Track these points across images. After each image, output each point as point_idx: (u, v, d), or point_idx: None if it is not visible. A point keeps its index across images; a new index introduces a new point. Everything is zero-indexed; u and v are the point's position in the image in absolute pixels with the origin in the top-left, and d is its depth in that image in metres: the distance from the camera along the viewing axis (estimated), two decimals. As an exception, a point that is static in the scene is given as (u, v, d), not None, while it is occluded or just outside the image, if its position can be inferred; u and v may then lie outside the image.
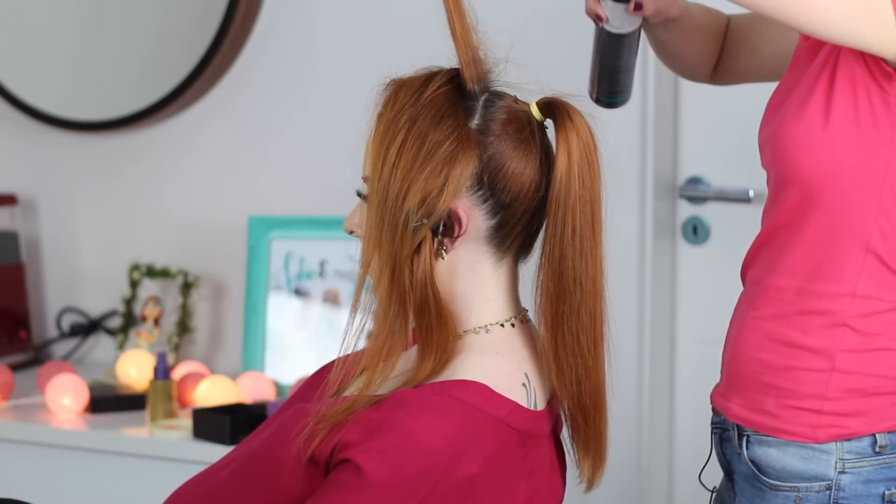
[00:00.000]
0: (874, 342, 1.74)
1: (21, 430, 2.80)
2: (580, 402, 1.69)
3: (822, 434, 1.74)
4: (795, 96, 1.78)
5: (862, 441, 1.74)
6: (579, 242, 1.65)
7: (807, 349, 1.75)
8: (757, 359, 1.78)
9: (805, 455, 1.75)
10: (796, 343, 1.75)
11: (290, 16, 3.09)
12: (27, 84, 3.27)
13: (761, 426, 1.77)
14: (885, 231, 1.73)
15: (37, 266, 3.37)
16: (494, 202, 1.66)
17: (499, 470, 1.63)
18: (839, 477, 1.74)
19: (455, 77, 1.68)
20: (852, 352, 1.73)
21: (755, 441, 1.78)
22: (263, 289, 3.01)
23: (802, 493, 1.75)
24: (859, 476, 1.73)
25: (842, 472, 1.74)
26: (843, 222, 1.73)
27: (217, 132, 3.18)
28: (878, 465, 1.74)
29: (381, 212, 1.64)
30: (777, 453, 1.76)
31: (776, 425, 1.76)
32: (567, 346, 1.67)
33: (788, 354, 1.76)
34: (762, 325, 1.78)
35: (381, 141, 1.65)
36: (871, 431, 1.74)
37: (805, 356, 1.75)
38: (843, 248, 1.74)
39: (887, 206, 1.72)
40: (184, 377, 2.86)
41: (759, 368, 1.78)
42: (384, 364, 1.65)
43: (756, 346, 1.79)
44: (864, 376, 1.74)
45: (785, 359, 1.76)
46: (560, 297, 1.66)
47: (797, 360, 1.75)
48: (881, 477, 1.74)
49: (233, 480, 1.70)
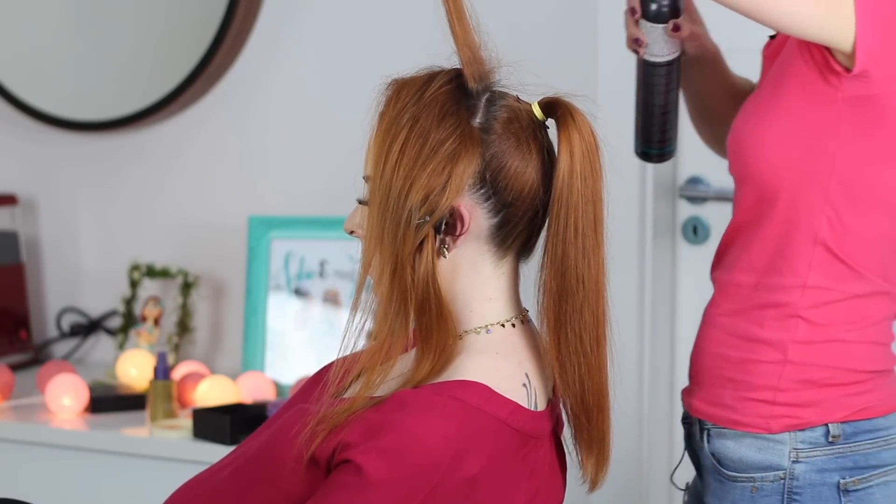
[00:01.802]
0: (826, 333, 1.79)
1: (21, 430, 2.80)
2: (583, 401, 1.69)
3: (776, 424, 1.79)
4: (749, 101, 1.84)
5: (815, 431, 1.78)
6: (582, 242, 1.65)
7: (762, 342, 1.80)
8: (716, 353, 1.84)
9: (760, 446, 1.79)
10: (752, 336, 1.81)
11: (289, 16, 3.10)
12: (27, 84, 3.28)
13: (719, 419, 1.83)
14: (833, 223, 1.77)
15: (37, 266, 3.37)
16: (496, 201, 1.66)
17: (500, 470, 1.63)
18: (793, 466, 1.78)
19: (457, 76, 1.68)
20: (804, 343, 1.79)
21: (715, 434, 1.83)
22: (263, 289, 3.01)
23: (758, 482, 1.79)
24: (813, 465, 1.78)
25: (795, 461, 1.78)
26: (794, 216, 1.79)
27: (217, 132, 3.18)
28: (831, 455, 1.78)
29: (383, 210, 1.64)
30: (734, 445, 1.81)
31: (733, 417, 1.81)
32: (570, 345, 1.67)
33: (745, 348, 1.81)
34: (722, 320, 1.85)
35: (384, 139, 1.66)
36: (824, 421, 1.79)
37: (760, 349, 1.80)
38: (794, 242, 1.79)
39: (834, 198, 1.77)
40: (184, 377, 2.86)
41: (718, 363, 1.84)
42: (384, 364, 1.65)
43: (715, 341, 1.85)
44: (817, 367, 1.79)
45: (741, 352, 1.81)
46: (563, 297, 1.66)
47: (753, 352, 1.80)
48: (835, 466, 1.78)
49: (233, 481, 1.70)
